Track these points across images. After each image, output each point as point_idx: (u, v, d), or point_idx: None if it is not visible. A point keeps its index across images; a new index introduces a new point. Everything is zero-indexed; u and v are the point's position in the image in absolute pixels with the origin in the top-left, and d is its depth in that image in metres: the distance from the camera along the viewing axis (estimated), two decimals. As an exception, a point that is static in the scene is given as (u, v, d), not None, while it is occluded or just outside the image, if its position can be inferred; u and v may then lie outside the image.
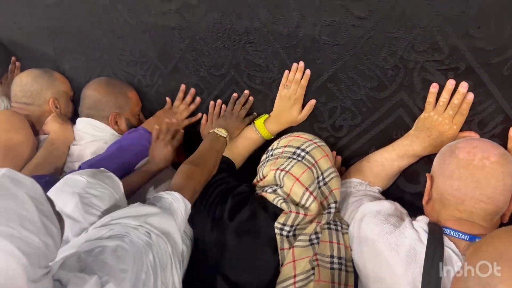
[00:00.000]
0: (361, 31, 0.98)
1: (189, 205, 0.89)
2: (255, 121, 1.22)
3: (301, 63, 1.11)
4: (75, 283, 0.57)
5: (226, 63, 1.25)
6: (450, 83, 0.91)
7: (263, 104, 1.24)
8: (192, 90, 1.37)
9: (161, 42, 1.35)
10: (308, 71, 1.11)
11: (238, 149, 1.21)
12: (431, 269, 0.73)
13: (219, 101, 1.33)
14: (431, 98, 0.94)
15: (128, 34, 1.40)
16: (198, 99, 1.38)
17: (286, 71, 1.14)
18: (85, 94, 1.39)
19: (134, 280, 0.65)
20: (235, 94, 1.27)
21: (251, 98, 1.25)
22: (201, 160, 1.04)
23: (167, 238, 0.76)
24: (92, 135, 1.35)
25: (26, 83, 1.46)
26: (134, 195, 1.13)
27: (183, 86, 1.38)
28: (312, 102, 1.14)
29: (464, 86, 0.90)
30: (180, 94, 1.39)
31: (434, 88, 0.93)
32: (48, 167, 1.22)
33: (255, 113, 1.26)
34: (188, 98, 1.38)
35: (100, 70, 1.56)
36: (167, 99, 1.43)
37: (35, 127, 1.41)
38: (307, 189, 0.93)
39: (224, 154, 1.16)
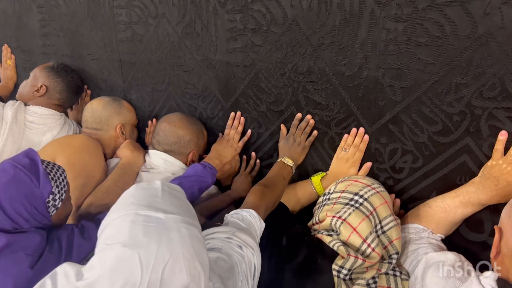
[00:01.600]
0: (427, 76, 0.98)
1: (263, 224, 0.92)
2: (312, 177, 1.25)
3: (361, 129, 1.14)
4: None
5: (286, 100, 1.28)
6: None
7: (321, 142, 1.25)
8: (238, 113, 1.42)
9: (224, 78, 1.41)
10: (366, 136, 1.14)
11: (292, 197, 1.24)
12: None
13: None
14: (499, 145, 0.92)
15: (194, 69, 1.48)
16: (249, 131, 1.43)
17: (346, 135, 1.18)
18: (166, 129, 1.42)
19: (235, 287, 0.71)
20: (299, 114, 1.27)
21: (312, 121, 1.25)
22: (271, 183, 1.10)
23: (254, 250, 0.81)
24: (163, 167, 1.42)
25: (96, 110, 1.57)
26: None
27: (232, 114, 1.43)
28: (369, 164, 1.17)
29: None
30: (229, 122, 1.44)
31: (503, 136, 0.91)
32: (117, 190, 1.29)
33: (315, 132, 1.26)
34: (235, 123, 1.42)
35: (164, 101, 1.64)
36: (220, 134, 1.49)
37: (104, 151, 1.50)
38: (365, 240, 0.92)
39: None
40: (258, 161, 1.45)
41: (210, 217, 1.23)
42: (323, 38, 1.12)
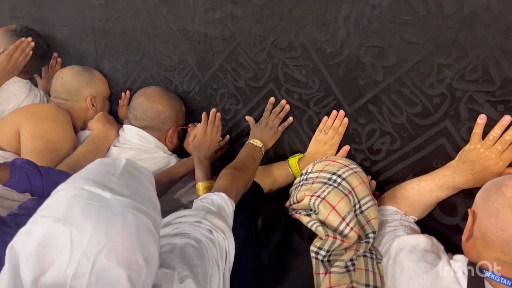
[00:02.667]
0: (409, 55, 0.96)
1: (234, 206, 0.89)
2: (289, 159, 1.23)
3: (341, 112, 1.12)
4: (165, 280, 0.60)
5: (265, 76, 1.24)
6: (505, 119, 0.87)
7: (299, 120, 1.23)
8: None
9: (201, 50, 1.35)
10: (346, 119, 1.12)
11: (268, 178, 1.21)
12: None
13: (213, 110, 1.30)
14: (477, 129, 0.91)
15: (170, 39, 1.41)
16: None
17: (325, 117, 1.15)
18: (144, 104, 1.35)
19: (205, 274, 0.67)
20: (272, 99, 1.25)
21: (287, 106, 1.23)
22: (241, 165, 1.07)
23: (225, 234, 0.77)
24: (137, 144, 1.36)
25: (66, 79, 1.49)
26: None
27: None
28: (347, 148, 1.15)
29: None
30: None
31: (481, 119, 0.90)
32: (85, 164, 1.23)
33: (290, 118, 1.24)
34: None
35: (138, 72, 1.58)
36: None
37: (74, 124, 1.44)
38: (343, 219, 0.91)
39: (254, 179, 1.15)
40: (226, 146, 1.42)
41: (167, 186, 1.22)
42: (306, 12, 1.07)
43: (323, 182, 0.99)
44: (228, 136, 1.41)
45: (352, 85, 1.08)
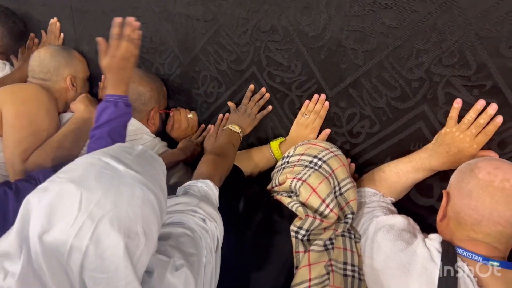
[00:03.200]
0: (390, 40, 0.97)
1: (218, 193, 0.90)
2: (271, 142, 1.24)
3: (322, 95, 1.13)
4: (159, 265, 0.62)
5: (248, 59, 1.24)
6: (480, 103, 0.89)
7: (281, 104, 1.23)
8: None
9: (183, 32, 1.34)
10: (327, 103, 1.13)
11: (250, 162, 1.23)
12: None
13: (227, 115, 1.35)
14: (453, 113, 0.93)
15: (151, 21, 1.39)
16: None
17: (307, 101, 1.17)
18: None
19: (200, 263, 0.69)
20: (252, 86, 1.26)
21: (267, 94, 1.25)
22: (222, 152, 1.07)
23: (217, 223, 0.78)
24: None
25: (44, 59, 1.46)
26: None
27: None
28: (327, 131, 1.17)
29: (493, 107, 0.88)
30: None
31: (457, 103, 0.92)
32: (69, 145, 1.23)
33: (269, 107, 1.26)
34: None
35: (119, 54, 1.55)
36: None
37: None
38: (323, 201, 0.93)
39: (234, 163, 1.16)
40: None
41: None
42: (288, -5, 1.07)
43: (304, 165, 1.01)
44: (202, 125, 1.46)
45: (333, 69, 1.09)
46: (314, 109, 1.16)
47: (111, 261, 0.53)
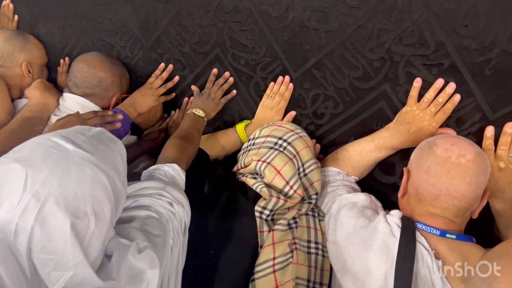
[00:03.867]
0: (351, 20, 0.97)
1: (184, 177, 0.88)
2: (236, 125, 1.23)
3: (287, 77, 1.13)
4: (119, 249, 0.61)
5: (211, 41, 1.22)
6: (439, 82, 0.92)
7: (246, 86, 1.22)
8: (170, 67, 1.34)
9: (144, 14, 1.30)
10: (291, 85, 1.14)
11: (216, 145, 1.22)
12: (404, 263, 0.75)
13: (192, 98, 1.33)
14: (414, 92, 0.95)
15: (110, 2, 1.34)
16: (176, 77, 1.34)
17: (272, 83, 1.17)
18: (85, 70, 1.28)
19: (165, 245, 0.68)
20: (215, 70, 1.25)
21: (231, 79, 1.24)
22: (187, 136, 1.06)
23: (184, 208, 0.78)
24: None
25: None
26: None
27: (162, 65, 1.34)
28: (292, 113, 1.18)
29: (451, 86, 0.91)
30: (156, 71, 1.35)
31: (417, 82, 0.94)
32: (23, 134, 1.17)
33: (234, 91, 1.25)
34: (164, 75, 1.35)
35: (77, 37, 1.49)
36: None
37: (9, 92, 1.34)
38: (287, 182, 0.94)
39: (200, 147, 1.15)
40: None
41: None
42: (250, -26, 1.06)
43: (269, 147, 1.01)
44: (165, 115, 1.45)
45: (297, 50, 1.09)
46: (279, 91, 1.16)
47: (58, 242, 0.52)
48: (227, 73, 1.23)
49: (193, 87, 1.29)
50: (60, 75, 1.54)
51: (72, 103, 1.29)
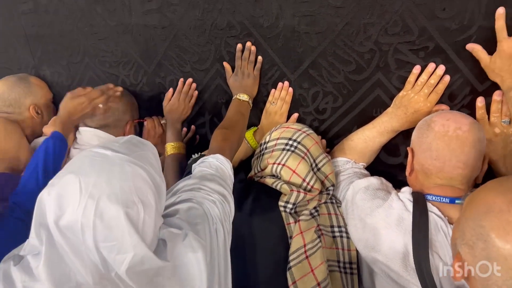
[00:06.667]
0: (338, 19, 1.05)
1: (231, 164, 0.96)
2: (245, 133, 1.28)
3: (286, 83, 1.21)
4: (170, 236, 0.71)
5: (210, 58, 1.30)
6: (431, 66, 0.99)
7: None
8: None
9: (143, 41, 1.38)
10: (291, 89, 1.21)
11: None
12: (419, 233, 0.81)
13: (189, 80, 1.37)
14: (412, 78, 1.02)
15: (109, 35, 1.43)
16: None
17: (273, 90, 1.24)
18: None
19: (208, 230, 0.76)
20: (239, 45, 1.24)
21: (253, 47, 1.22)
22: (230, 123, 1.14)
23: (225, 199, 0.85)
24: (96, 144, 1.36)
25: (3, 93, 1.45)
26: None
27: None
28: (295, 115, 1.25)
29: (441, 68, 0.98)
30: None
31: (417, 69, 1.01)
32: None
33: (260, 58, 1.23)
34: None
35: (82, 73, 1.57)
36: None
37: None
38: (304, 180, 1.00)
39: None
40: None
41: None
42: (238, -9, 1.14)
43: (281, 149, 1.07)
44: None
45: (291, 54, 1.16)
46: (280, 96, 1.23)
47: (117, 229, 0.61)
48: (248, 43, 1.22)
49: (225, 64, 1.29)
50: None
51: (89, 135, 1.37)
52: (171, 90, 1.40)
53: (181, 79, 1.38)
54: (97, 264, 0.61)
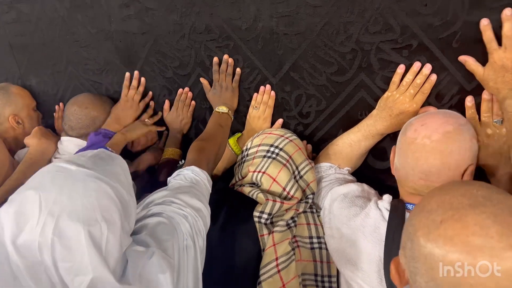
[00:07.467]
0: (317, 19, 1.00)
1: (208, 175, 0.93)
2: (229, 140, 1.26)
3: (268, 86, 1.17)
4: (133, 255, 0.67)
5: (191, 62, 1.26)
6: (416, 65, 0.94)
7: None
8: (136, 73, 1.38)
9: (124, 48, 1.35)
10: (273, 93, 1.17)
11: None
12: (392, 244, 0.76)
13: (186, 89, 1.34)
14: (396, 78, 0.97)
15: (91, 43, 1.40)
16: (150, 92, 1.41)
17: (255, 94, 1.20)
18: (77, 112, 1.34)
19: (177, 247, 0.73)
20: (215, 59, 1.22)
21: (230, 60, 1.20)
22: (207, 135, 1.11)
23: (198, 213, 0.81)
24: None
25: None
26: None
27: (127, 74, 1.38)
28: (280, 121, 1.21)
29: (428, 67, 0.93)
30: (125, 82, 1.39)
31: (401, 69, 0.96)
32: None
33: (238, 69, 1.21)
34: (134, 83, 1.39)
35: (66, 81, 1.55)
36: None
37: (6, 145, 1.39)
38: (284, 189, 0.96)
39: None
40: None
41: None
42: (214, -7, 1.10)
43: (262, 156, 1.03)
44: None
45: (272, 56, 1.12)
46: (262, 100, 1.19)
47: (76, 249, 0.58)
48: (225, 56, 1.20)
49: (202, 80, 1.28)
50: (56, 120, 1.59)
51: (71, 145, 1.34)
52: (167, 102, 1.39)
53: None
54: (56, 285, 0.57)
